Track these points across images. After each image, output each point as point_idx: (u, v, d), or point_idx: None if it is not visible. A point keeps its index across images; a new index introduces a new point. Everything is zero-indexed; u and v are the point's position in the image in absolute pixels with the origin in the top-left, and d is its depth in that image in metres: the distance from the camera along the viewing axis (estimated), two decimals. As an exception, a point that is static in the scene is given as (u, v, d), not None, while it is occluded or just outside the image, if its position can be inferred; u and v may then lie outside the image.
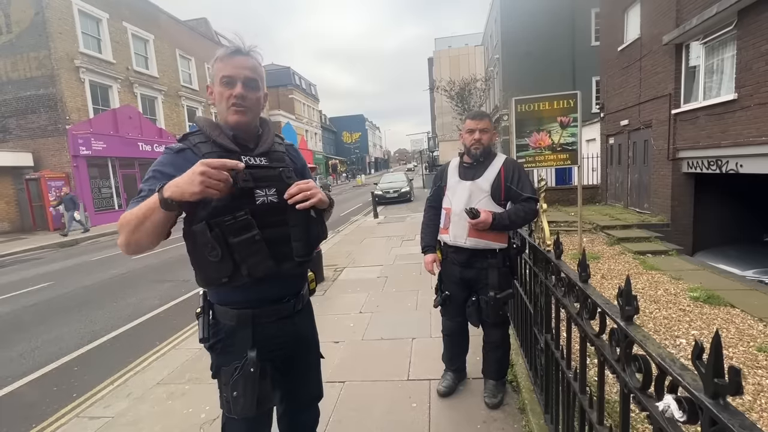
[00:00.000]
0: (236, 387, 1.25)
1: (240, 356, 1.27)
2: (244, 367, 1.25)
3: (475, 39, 34.99)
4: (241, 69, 1.27)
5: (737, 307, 4.19)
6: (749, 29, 6.22)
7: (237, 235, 1.20)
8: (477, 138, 2.28)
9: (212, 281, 1.28)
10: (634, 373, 1.07)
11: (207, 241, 1.19)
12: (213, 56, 1.30)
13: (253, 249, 1.23)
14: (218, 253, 1.19)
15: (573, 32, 19.17)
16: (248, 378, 1.24)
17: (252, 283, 1.26)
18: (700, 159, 7.66)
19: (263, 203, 1.28)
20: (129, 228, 1.11)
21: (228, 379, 1.26)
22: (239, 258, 1.22)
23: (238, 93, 1.25)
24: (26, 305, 5.92)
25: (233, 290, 1.29)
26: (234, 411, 1.26)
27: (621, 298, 1.12)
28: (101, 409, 2.85)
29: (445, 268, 2.47)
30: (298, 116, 40.34)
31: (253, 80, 1.29)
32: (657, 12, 8.65)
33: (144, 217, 1.09)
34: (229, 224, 1.20)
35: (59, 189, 14.17)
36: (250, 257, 1.23)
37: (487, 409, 2.41)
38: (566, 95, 5.91)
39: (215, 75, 1.28)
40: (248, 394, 1.24)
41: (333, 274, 6.02)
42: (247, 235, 1.22)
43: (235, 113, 1.27)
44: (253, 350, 1.27)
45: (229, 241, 1.20)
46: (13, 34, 14.42)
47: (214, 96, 1.30)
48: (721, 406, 0.71)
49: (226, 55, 1.27)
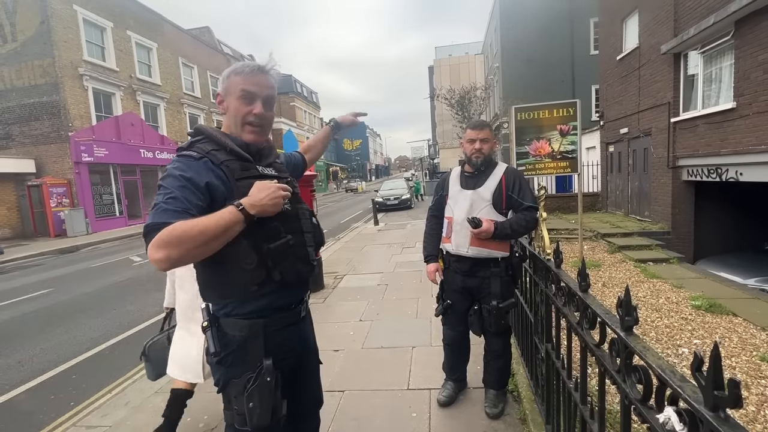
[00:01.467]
0: (252, 398, 1.22)
1: (252, 367, 1.25)
2: (260, 376, 1.23)
3: (475, 48, 35.31)
4: (263, 87, 1.28)
5: (740, 315, 4.17)
6: (746, 39, 6.27)
7: (271, 241, 1.22)
8: (478, 147, 2.30)
9: (235, 292, 1.25)
10: (635, 384, 1.06)
11: (242, 248, 1.18)
12: (215, 65, 1.31)
13: (287, 253, 1.26)
14: (253, 260, 1.19)
15: (572, 41, 19.35)
16: (264, 388, 1.22)
17: (275, 290, 1.27)
18: (700, 167, 7.68)
19: (284, 210, 1.28)
20: (199, 241, 1.06)
21: (241, 391, 1.23)
22: (272, 263, 1.23)
23: (259, 112, 1.27)
24: (26, 312, 5.91)
25: (244, 301, 1.28)
26: (250, 423, 1.22)
27: (621, 309, 1.12)
28: (99, 418, 2.84)
29: (447, 277, 2.46)
30: (300, 123, 40.57)
31: (272, 98, 1.32)
32: (655, 22, 8.73)
33: (225, 229, 1.10)
34: (262, 231, 1.21)
35: (61, 195, 14.24)
36: (283, 261, 1.25)
37: (488, 419, 2.39)
38: (566, 104, 5.95)
39: (232, 86, 1.28)
40: (264, 404, 1.22)
41: (333, 281, 6.01)
42: (281, 240, 1.24)
43: (251, 132, 1.30)
44: (268, 359, 1.26)
45: (263, 248, 1.21)
46: (18, 42, 14.59)
47: (226, 107, 1.30)
48: (722, 419, 0.71)
49: (249, 71, 1.27)
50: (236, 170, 1.23)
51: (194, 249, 1.06)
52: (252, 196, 1.16)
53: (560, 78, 19.22)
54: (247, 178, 1.23)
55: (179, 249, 1.04)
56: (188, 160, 1.19)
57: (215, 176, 1.19)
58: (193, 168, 1.17)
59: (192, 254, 1.08)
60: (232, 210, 1.11)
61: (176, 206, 1.09)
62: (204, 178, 1.16)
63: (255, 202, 1.14)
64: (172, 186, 1.12)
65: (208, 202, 1.16)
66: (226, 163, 1.22)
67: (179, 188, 1.12)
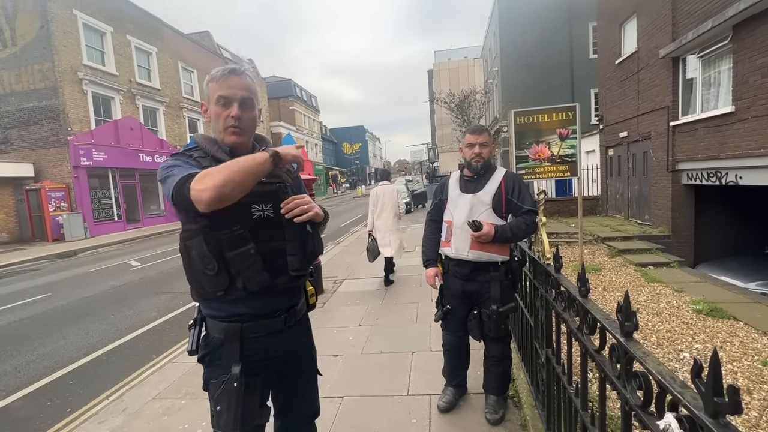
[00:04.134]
0: (220, 401, 1.24)
1: (227, 370, 1.26)
2: (228, 381, 1.24)
3: (475, 52, 35.45)
4: (236, 90, 1.30)
5: (741, 320, 4.16)
6: (744, 43, 6.31)
7: (232, 249, 1.23)
8: (477, 152, 2.31)
9: (208, 294, 1.28)
10: (635, 390, 1.05)
11: (203, 254, 1.21)
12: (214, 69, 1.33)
13: (248, 262, 1.24)
14: (214, 267, 1.22)
15: (571, 45, 19.44)
16: (231, 393, 1.23)
17: (246, 296, 1.27)
18: (699, 171, 7.69)
19: (259, 218, 1.30)
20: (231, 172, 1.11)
21: (215, 393, 1.26)
22: (235, 271, 1.24)
23: (235, 114, 1.29)
24: (23, 317, 5.88)
25: (224, 304, 1.29)
26: (217, 426, 1.25)
27: (620, 314, 1.11)
28: (96, 424, 2.81)
29: (447, 281, 2.45)
30: (299, 127, 40.67)
31: (249, 99, 1.33)
32: (653, 26, 8.78)
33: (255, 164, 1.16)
34: (225, 238, 1.22)
35: (59, 200, 14.22)
36: (246, 270, 1.24)
37: (489, 425, 2.37)
38: (565, 107, 5.96)
39: (211, 94, 1.32)
40: (231, 409, 1.23)
41: (332, 286, 5.99)
42: (242, 248, 1.24)
43: (232, 134, 1.32)
44: (237, 365, 1.26)
45: (225, 255, 1.22)
46: (18, 46, 14.63)
47: (209, 114, 1.35)
48: (722, 426, 0.70)
49: (221, 76, 1.30)
50: None
51: (233, 176, 1.11)
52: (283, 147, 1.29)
53: (559, 82, 19.28)
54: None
55: (218, 177, 1.10)
56: (180, 155, 1.30)
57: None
58: (184, 160, 1.27)
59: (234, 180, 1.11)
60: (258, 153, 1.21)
61: (190, 169, 1.19)
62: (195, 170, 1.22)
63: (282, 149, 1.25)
64: (175, 165, 1.23)
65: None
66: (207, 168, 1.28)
67: (184, 163, 1.24)
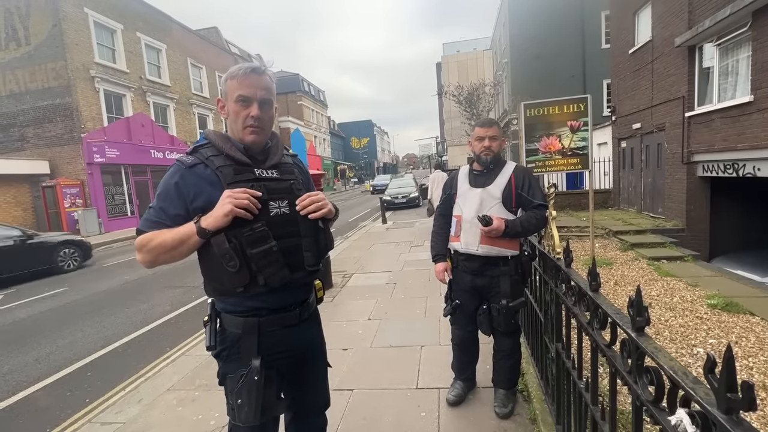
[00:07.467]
0: (240, 395, 1.26)
1: (245, 364, 1.28)
2: (248, 375, 1.26)
3: (484, 43, 35.00)
4: (257, 89, 1.30)
5: (757, 315, 4.07)
6: (764, 30, 6.10)
7: (254, 246, 1.24)
8: (487, 145, 2.27)
9: (228, 291, 1.30)
10: (647, 386, 1.04)
11: (225, 251, 1.22)
12: (223, 65, 1.34)
13: (270, 259, 1.26)
14: (236, 264, 1.23)
15: (583, 35, 19.00)
16: (252, 386, 1.26)
17: (264, 292, 1.29)
18: (715, 162, 7.51)
19: (277, 215, 1.31)
20: (160, 251, 1.23)
21: (233, 387, 1.28)
22: (256, 268, 1.25)
23: (255, 114, 1.29)
24: (42, 310, 6.04)
25: (241, 299, 1.31)
26: (238, 419, 1.28)
27: (632, 309, 1.09)
28: (113, 414, 2.89)
29: (456, 276, 2.44)
30: (307, 122, 40.70)
31: (269, 100, 1.33)
32: (668, 14, 8.55)
33: (180, 242, 1.22)
34: (247, 235, 1.24)
35: (74, 196, 14.50)
36: (267, 267, 1.26)
37: (498, 419, 2.38)
38: (576, 99, 5.85)
39: (229, 91, 1.31)
40: (252, 402, 1.25)
41: (342, 280, 6.03)
42: (264, 246, 1.25)
43: (251, 133, 1.32)
44: (257, 358, 1.28)
45: (246, 252, 1.23)
46: (32, 45, 14.87)
47: (226, 111, 1.34)
48: (735, 422, 0.69)
49: (242, 74, 1.29)
50: (229, 175, 1.28)
51: (159, 256, 1.24)
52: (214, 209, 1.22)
53: (570, 73, 18.89)
54: (238, 182, 1.27)
55: (149, 254, 1.25)
56: (179, 166, 1.29)
57: (208, 182, 1.26)
58: (180, 174, 1.27)
59: (161, 259, 1.26)
60: (191, 224, 1.23)
61: (154, 217, 1.26)
62: (190, 186, 1.26)
63: (210, 214, 1.22)
64: (159, 194, 1.28)
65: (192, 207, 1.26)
66: (221, 168, 1.28)
67: (162, 198, 1.27)
